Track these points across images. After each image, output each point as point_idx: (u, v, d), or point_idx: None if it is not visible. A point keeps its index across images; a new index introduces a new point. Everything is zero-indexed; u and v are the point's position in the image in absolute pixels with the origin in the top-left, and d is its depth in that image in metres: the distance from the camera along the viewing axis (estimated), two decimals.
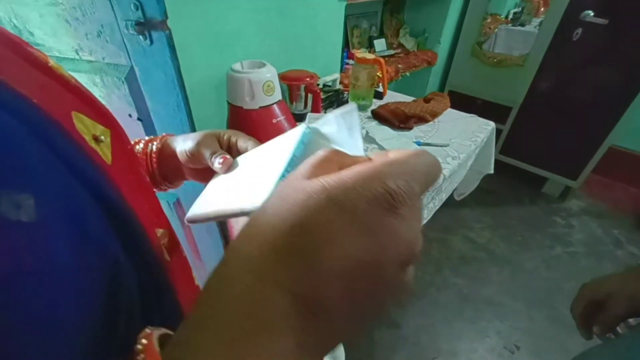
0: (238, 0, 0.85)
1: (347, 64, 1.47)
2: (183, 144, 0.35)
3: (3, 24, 0.63)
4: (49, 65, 0.20)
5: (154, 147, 0.36)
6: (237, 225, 0.77)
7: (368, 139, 0.97)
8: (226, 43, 0.75)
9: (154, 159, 0.36)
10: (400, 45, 1.81)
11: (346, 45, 1.53)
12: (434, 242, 1.62)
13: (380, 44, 1.69)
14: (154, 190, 0.36)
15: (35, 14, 0.59)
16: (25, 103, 0.15)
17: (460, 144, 0.97)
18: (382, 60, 1.05)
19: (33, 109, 0.15)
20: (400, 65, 1.59)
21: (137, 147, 0.36)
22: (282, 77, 0.86)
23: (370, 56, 1.04)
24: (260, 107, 0.71)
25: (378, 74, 1.13)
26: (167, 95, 0.57)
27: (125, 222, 0.19)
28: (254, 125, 0.73)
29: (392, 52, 1.72)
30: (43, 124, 0.15)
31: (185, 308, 0.24)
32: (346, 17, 1.22)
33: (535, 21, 2.25)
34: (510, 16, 2.38)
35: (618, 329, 0.44)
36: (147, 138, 0.37)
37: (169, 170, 0.37)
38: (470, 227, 1.72)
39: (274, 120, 0.73)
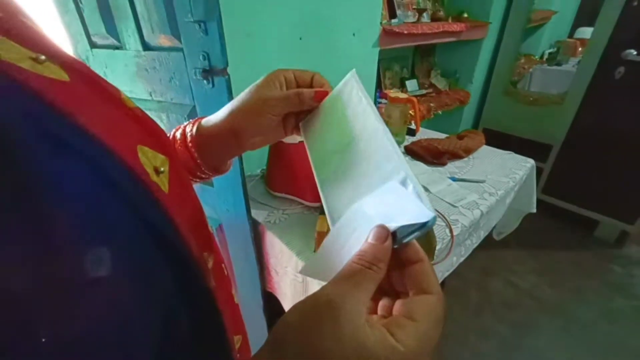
0: (283, 50, 0.96)
1: (380, 103, 1.54)
2: (227, 108, 0.34)
3: (97, 71, 0.77)
4: (121, 98, 0.22)
5: (191, 131, 0.35)
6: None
7: None
8: None
9: (191, 144, 0.34)
10: (432, 85, 1.87)
11: (379, 85, 1.62)
12: (471, 284, 1.52)
13: (412, 84, 1.76)
14: (198, 179, 0.37)
15: (122, 64, 0.71)
16: (100, 148, 0.16)
17: (497, 180, 0.96)
18: (414, 99, 1.10)
19: (105, 152, 0.16)
20: (432, 104, 1.63)
21: (177, 135, 0.35)
22: None
23: (403, 96, 1.09)
24: (299, 142, 0.77)
25: (410, 112, 1.17)
26: None
27: (180, 258, 0.19)
28: (294, 157, 0.78)
29: (423, 91, 1.78)
30: (114, 168, 0.16)
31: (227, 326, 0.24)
32: (379, 60, 1.31)
33: (573, 61, 2.23)
34: (546, 56, 2.39)
35: None
36: (183, 124, 0.36)
37: (211, 150, 0.35)
38: (513, 270, 1.60)
39: None
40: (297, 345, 0.17)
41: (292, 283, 0.74)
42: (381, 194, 0.22)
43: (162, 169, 0.21)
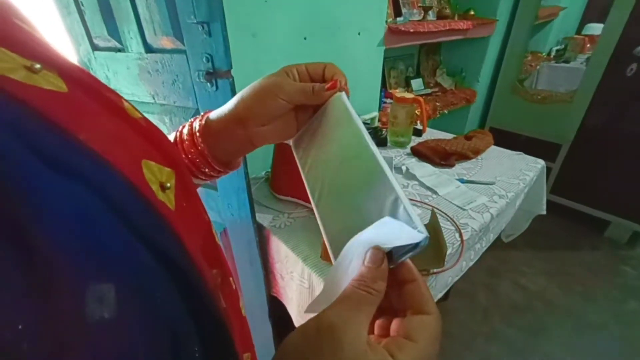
0: (288, 51, 0.95)
1: (385, 103, 1.52)
2: (237, 96, 0.32)
3: (98, 75, 0.76)
4: (123, 108, 0.21)
5: (200, 124, 0.33)
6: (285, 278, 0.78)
7: (408, 175, 0.97)
8: None
9: (200, 138, 0.32)
10: (438, 84, 1.84)
11: (384, 85, 1.60)
12: (479, 286, 1.49)
13: (417, 83, 1.74)
14: (208, 176, 0.35)
15: (124, 66, 0.70)
16: (102, 166, 0.15)
17: (507, 182, 0.93)
18: (421, 99, 1.08)
19: (108, 170, 0.15)
20: (438, 104, 1.61)
21: (184, 131, 0.33)
22: None
23: (410, 96, 1.07)
24: None
25: (416, 112, 1.15)
26: None
27: (189, 282, 0.18)
28: None
29: (429, 90, 1.75)
30: (117, 188, 0.15)
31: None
32: (383, 59, 1.29)
33: (581, 57, 2.19)
34: (553, 53, 2.35)
35: None
36: (190, 120, 0.34)
37: (219, 143, 0.33)
38: (521, 272, 1.57)
39: None
40: None
41: (298, 288, 0.73)
42: (375, 227, 0.22)
43: (168, 184, 0.20)
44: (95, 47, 0.74)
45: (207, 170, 0.34)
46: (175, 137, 0.34)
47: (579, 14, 2.59)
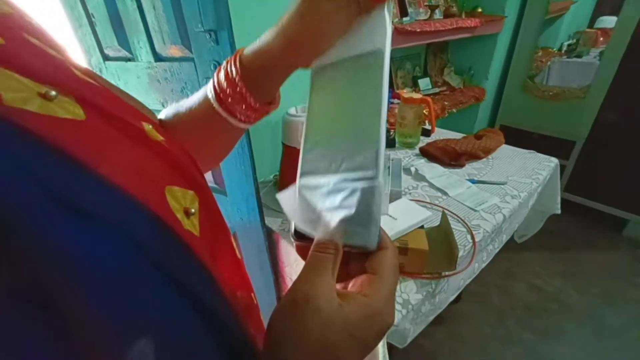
0: None
1: (392, 103, 1.50)
2: (278, 25, 0.28)
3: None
4: (144, 130, 0.20)
5: (237, 68, 0.29)
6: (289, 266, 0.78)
7: (417, 176, 0.96)
8: (282, 90, 0.83)
9: (240, 84, 0.29)
10: (445, 83, 1.82)
11: (391, 85, 1.59)
12: (493, 288, 1.46)
13: (424, 82, 1.72)
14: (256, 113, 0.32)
15: (134, 75, 0.72)
16: (127, 205, 0.14)
17: (520, 181, 0.91)
18: (429, 99, 1.07)
19: (134, 209, 0.15)
20: (446, 103, 1.59)
21: (221, 78, 0.30)
22: None
23: (417, 96, 1.06)
24: None
25: (425, 111, 1.14)
26: None
27: (216, 314, 0.18)
28: None
29: (437, 89, 1.73)
30: (145, 231, 0.15)
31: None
32: (390, 60, 1.28)
33: (594, 52, 2.13)
34: (564, 48, 2.29)
35: None
36: (223, 64, 0.31)
37: (264, 82, 0.30)
38: (536, 273, 1.53)
39: None
40: (293, 344, 0.18)
41: None
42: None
43: (192, 209, 0.20)
44: (106, 57, 0.76)
45: (249, 113, 0.31)
46: (214, 85, 0.30)
47: (590, 7, 2.52)
